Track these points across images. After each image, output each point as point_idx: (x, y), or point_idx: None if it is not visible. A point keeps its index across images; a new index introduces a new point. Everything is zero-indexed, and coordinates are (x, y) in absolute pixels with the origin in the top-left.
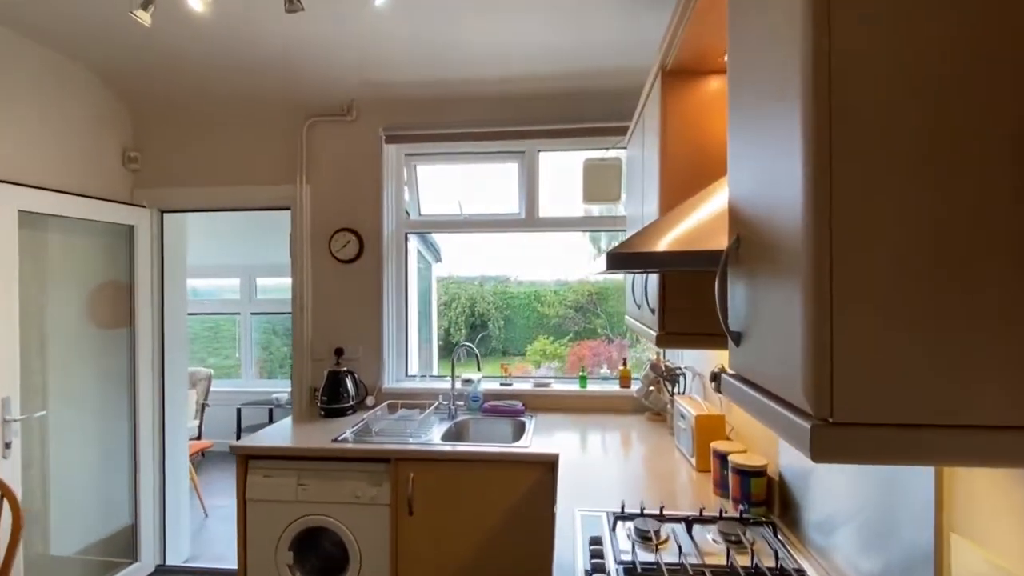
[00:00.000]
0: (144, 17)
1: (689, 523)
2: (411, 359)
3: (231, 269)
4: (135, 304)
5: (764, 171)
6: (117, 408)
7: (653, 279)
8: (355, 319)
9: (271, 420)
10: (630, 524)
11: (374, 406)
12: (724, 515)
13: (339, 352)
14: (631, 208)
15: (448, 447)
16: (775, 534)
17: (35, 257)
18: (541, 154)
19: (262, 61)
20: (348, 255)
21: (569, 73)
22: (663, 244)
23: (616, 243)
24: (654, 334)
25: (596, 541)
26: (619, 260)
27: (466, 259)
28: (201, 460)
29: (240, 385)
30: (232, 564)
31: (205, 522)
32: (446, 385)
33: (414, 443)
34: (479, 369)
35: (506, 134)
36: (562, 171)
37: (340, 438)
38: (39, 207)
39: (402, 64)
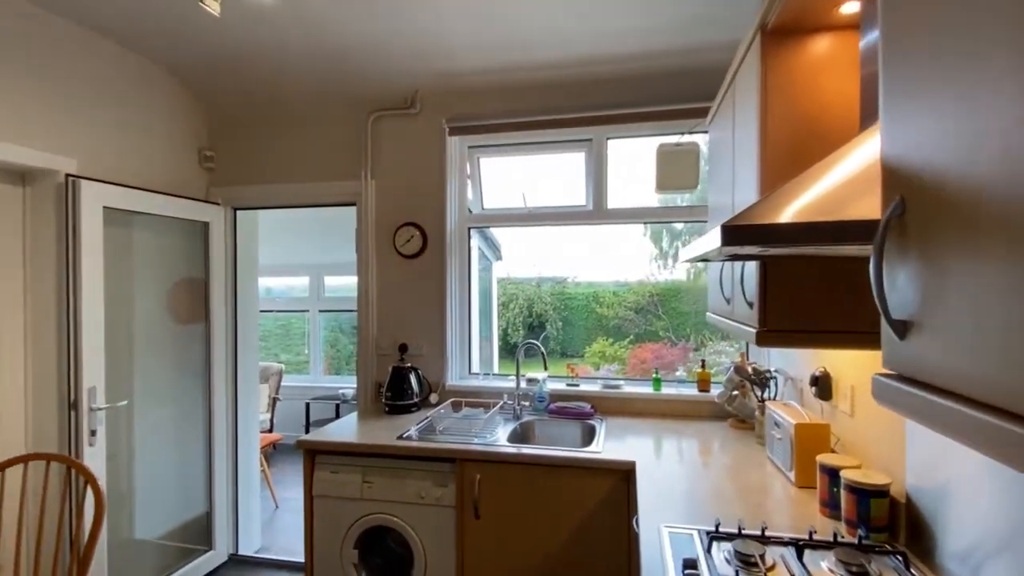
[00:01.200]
0: (213, 6)
1: (799, 548)
2: (474, 357)
3: (301, 268)
4: (210, 299)
5: (964, 115)
6: (193, 400)
7: (751, 268)
8: (418, 315)
9: (338, 415)
10: (727, 546)
11: (438, 403)
12: (840, 540)
13: (403, 348)
14: (716, 195)
15: (516, 450)
16: (907, 567)
17: (119, 253)
18: (610, 142)
19: (328, 57)
20: (412, 250)
21: (639, 53)
22: (788, 215)
23: (687, 236)
24: (752, 331)
25: (691, 565)
26: (737, 234)
27: (526, 257)
28: (272, 452)
29: (309, 380)
30: (301, 556)
31: (275, 513)
32: (510, 384)
33: (480, 444)
34: (545, 368)
35: (573, 121)
36: (630, 160)
37: (405, 435)
38: (123, 204)
39: (465, 52)
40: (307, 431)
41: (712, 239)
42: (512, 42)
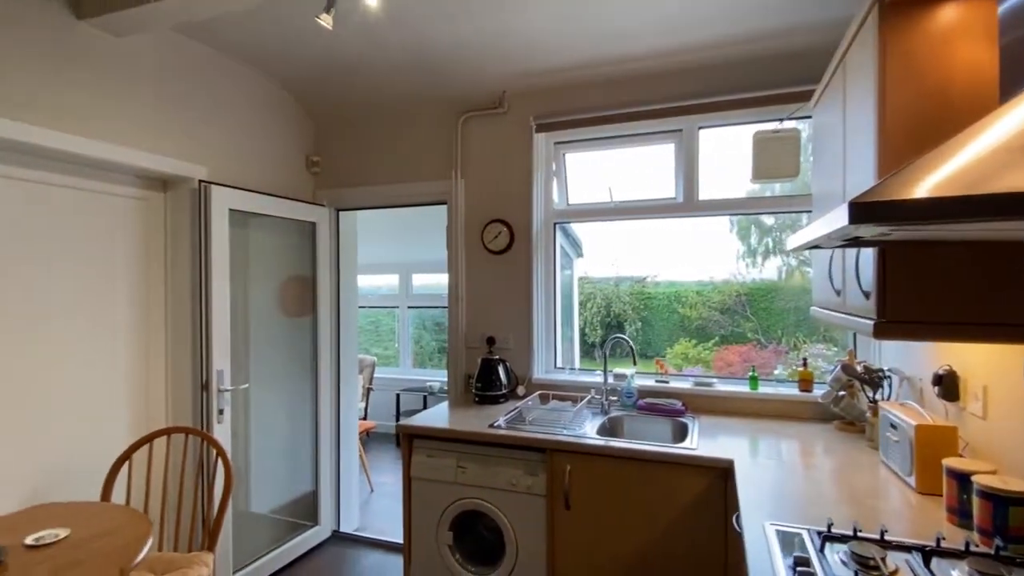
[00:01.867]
0: (327, 20)
1: (926, 554)
2: (559, 352)
3: (390, 266)
4: (317, 295)
5: None
6: (301, 387)
7: (867, 256)
8: (505, 309)
9: (425, 406)
10: (842, 547)
11: (525, 396)
12: (973, 549)
13: (491, 341)
14: (822, 182)
15: (607, 442)
16: None
17: (237, 251)
18: (701, 131)
19: (422, 63)
20: (499, 246)
21: (733, 39)
22: (924, 191)
23: (777, 232)
24: (869, 323)
25: (802, 562)
26: (869, 212)
27: (607, 254)
28: (367, 439)
29: (399, 373)
30: (394, 537)
31: (371, 496)
32: (596, 379)
33: (569, 435)
34: (635, 363)
35: (664, 111)
36: (722, 150)
37: (495, 424)
38: (244, 206)
39: (552, 51)
40: (397, 420)
41: (835, 219)
42: (599, 36)
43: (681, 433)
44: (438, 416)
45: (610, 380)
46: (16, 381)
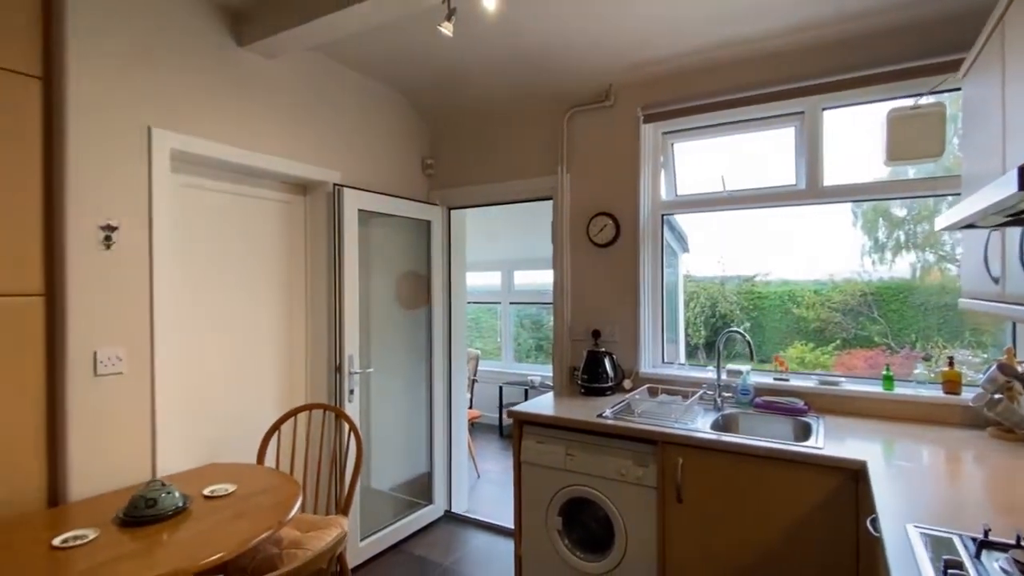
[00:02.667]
0: (448, 28)
1: None
2: (667, 347)
3: (493, 264)
4: (431, 289)
5: None
6: (416, 374)
7: None
8: (611, 302)
9: (526, 399)
10: (1001, 555)
11: (631, 389)
12: None
13: (596, 334)
14: (976, 160)
15: (723, 437)
16: None
17: (363, 248)
18: (825, 113)
19: (529, 62)
20: (605, 239)
21: (859, 11)
22: None
23: (911, 224)
24: None
25: (954, 565)
26: None
27: (712, 251)
28: (472, 428)
29: (501, 366)
30: (501, 521)
31: (477, 482)
32: (708, 375)
33: (682, 428)
34: (752, 358)
35: (783, 93)
36: (844, 133)
37: (602, 415)
38: (370, 206)
39: (661, 38)
40: (501, 411)
41: (998, 189)
42: (712, 20)
43: (803, 433)
44: (545, 405)
45: (723, 376)
46: (199, 360)
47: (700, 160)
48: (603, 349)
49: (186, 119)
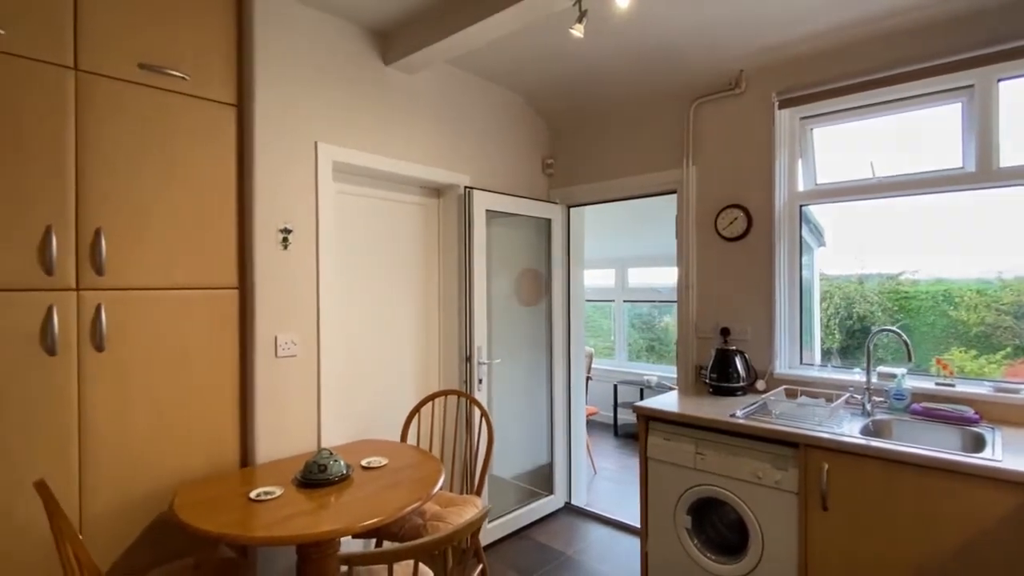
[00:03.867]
0: (579, 30)
1: None
2: (807, 345)
3: (607, 261)
4: (551, 285)
5: None
6: (537, 368)
7: None
8: (742, 299)
9: (642, 398)
10: None
11: (765, 390)
12: None
13: (725, 332)
14: None
15: (879, 443)
16: None
17: (486, 246)
18: (1001, 84)
19: (652, 57)
20: (735, 232)
21: None
22: None
23: None
24: None
25: None
26: None
27: (849, 246)
28: (588, 425)
29: (615, 365)
30: (620, 517)
31: (594, 478)
32: (855, 378)
33: (828, 432)
34: (909, 359)
35: (948, 67)
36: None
37: (735, 415)
38: (497, 206)
39: (798, 17)
40: (615, 410)
41: None
42: None
43: (974, 444)
44: (671, 403)
45: (873, 379)
46: (352, 347)
47: (842, 146)
48: (733, 348)
49: (343, 133)
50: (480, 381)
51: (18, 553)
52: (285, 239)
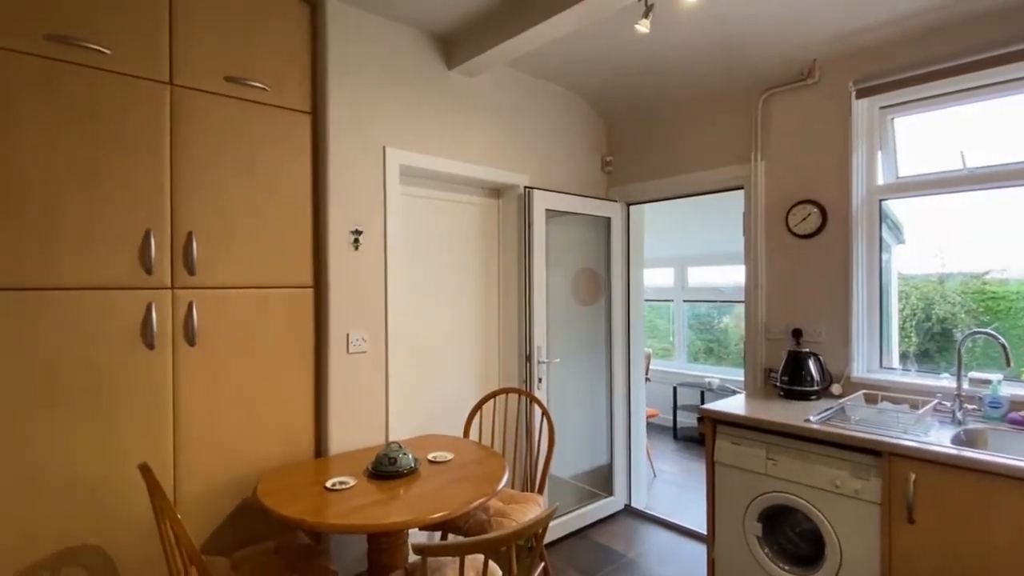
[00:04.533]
0: (645, 24)
1: None
2: (885, 348)
3: (665, 260)
4: (610, 285)
5: None
6: (596, 368)
7: None
8: (816, 299)
9: (702, 402)
10: None
11: (841, 395)
12: None
13: (797, 333)
14: None
15: (977, 454)
16: None
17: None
18: None
19: (716, 50)
20: (807, 229)
21: None
22: None
23: None
24: None
25: None
26: None
27: (929, 244)
28: (646, 427)
29: (674, 367)
30: (682, 521)
31: (653, 481)
32: (943, 383)
33: (915, 441)
34: (1008, 364)
35: None
36: None
37: (809, 420)
38: (556, 206)
39: (872, 2)
40: (674, 413)
41: None
42: None
43: None
44: (737, 406)
45: (964, 386)
46: (416, 344)
47: (927, 136)
48: (806, 350)
49: (408, 137)
50: (540, 380)
51: (124, 528)
52: (356, 240)
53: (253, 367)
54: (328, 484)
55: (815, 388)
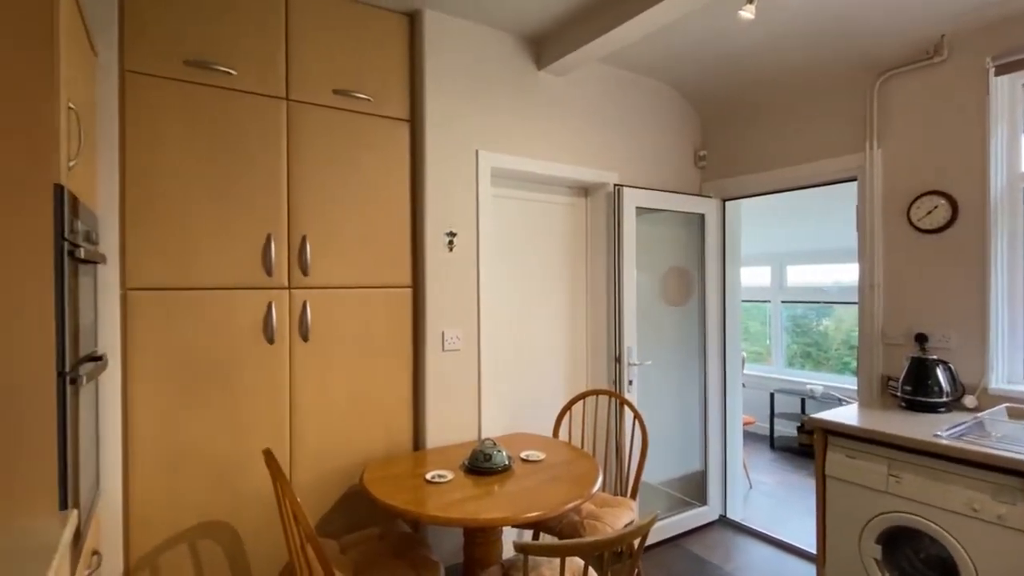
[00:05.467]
0: (750, 10)
1: None
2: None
3: (761, 258)
4: (705, 284)
5: None
6: (689, 372)
7: None
8: (942, 300)
9: (803, 410)
10: None
11: (976, 408)
12: None
13: (921, 338)
14: None
15: None
16: None
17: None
18: None
19: (822, 34)
20: (934, 223)
21: None
22: None
23: None
24: None
25: None
26: None
27: None
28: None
29: (770, 371)
30: (783, 537)
31: (749, 492)
32: None
33: None
34: None
35: None
36: None
37: (939, 435)
38: (647, 203)
39: None
40: (771, 421)
41: None
42: None
43: None
44: (851, 416)
45: None
46: (506, 343)
47: None
48: (933, 357)
49: (500, 140)
50: (630, 383)
51: (248, 507)
52: (450, 242)
53: (358, 362)
54: (427, 476)
55: (944, 400)
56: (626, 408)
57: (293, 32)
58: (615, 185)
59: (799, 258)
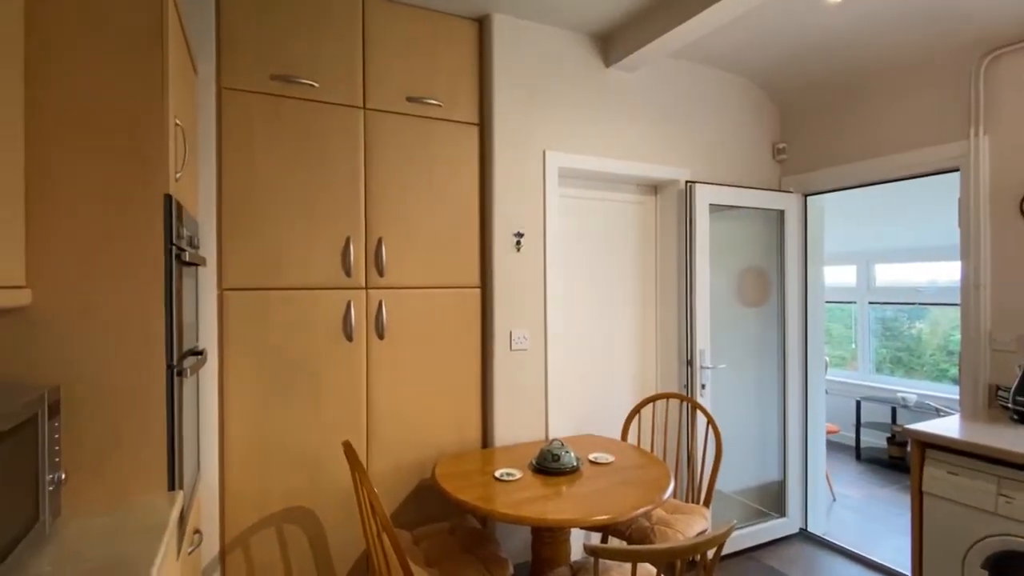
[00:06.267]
0: None
1: None
2: None
3: (846, 256)
4: (784, 284)
5: None
6: (768, 376)
7: None
8: None
9: (894, 420)
10: None
11: None
12: None
13: None
14: None
15: None
16: None
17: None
18: None
19: (913, 11)
20: None
21: None
22: None
23: None
24: None
25: None
26: None
27: None
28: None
29: (856, 378)
30: (871, 555)
31: (832, 506)
32: None
33: None
34: None
35: None
36: None
37: None
38: (721, 200)
39: None
40: (858, 430)
41: None
42: None
43: None
44: (952, 428)
45: None
46: (573, 343)
47: None
48: None
49: (567, 139)
50: (703, 387)
51: (328, 495)
52: (518, 242)
53: (430, 360)
54: (496, 474)
55: None
56: (698, 413)
57: (369, 44)
58: (687, 182)
59: (888, 256)
